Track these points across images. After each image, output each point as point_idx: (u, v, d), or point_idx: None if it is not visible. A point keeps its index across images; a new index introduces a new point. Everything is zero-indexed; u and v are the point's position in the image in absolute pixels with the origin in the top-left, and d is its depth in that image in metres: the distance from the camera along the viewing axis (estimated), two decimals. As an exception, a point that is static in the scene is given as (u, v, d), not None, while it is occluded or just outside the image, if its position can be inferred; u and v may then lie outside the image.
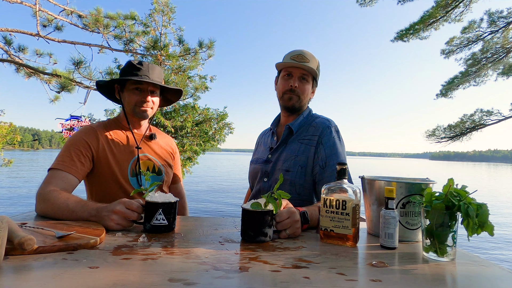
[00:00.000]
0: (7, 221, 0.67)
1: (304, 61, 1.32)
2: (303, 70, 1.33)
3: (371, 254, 0.81)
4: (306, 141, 1.33)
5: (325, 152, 1.28)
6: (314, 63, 1.35)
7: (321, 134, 1.31)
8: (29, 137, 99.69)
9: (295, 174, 1.28)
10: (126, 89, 1.33)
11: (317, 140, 1.31)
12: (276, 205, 0.89)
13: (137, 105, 1.32)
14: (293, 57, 1.33)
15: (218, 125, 7.15)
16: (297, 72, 1.34)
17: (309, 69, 1.32)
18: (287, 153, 1.34)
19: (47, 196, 1.05)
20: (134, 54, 6.17)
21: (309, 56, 1.34)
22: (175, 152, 1.57)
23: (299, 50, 1.35)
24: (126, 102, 1.34)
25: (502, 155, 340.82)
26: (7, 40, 5.35)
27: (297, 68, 1.33)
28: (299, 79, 1.34)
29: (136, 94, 1.31)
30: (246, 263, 0.70)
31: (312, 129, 1.35)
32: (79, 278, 0.57)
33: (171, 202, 0.96)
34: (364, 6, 8.93)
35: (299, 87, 1.34)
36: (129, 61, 1.34)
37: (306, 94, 1.37)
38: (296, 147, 1.33)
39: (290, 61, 1.33)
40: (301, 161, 1.29)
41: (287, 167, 1.30)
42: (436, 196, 0.82)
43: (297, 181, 1.28)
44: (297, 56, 1.32)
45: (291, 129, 1.38)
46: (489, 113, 8.84)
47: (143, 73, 1.29)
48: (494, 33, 8.83)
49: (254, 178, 1.46)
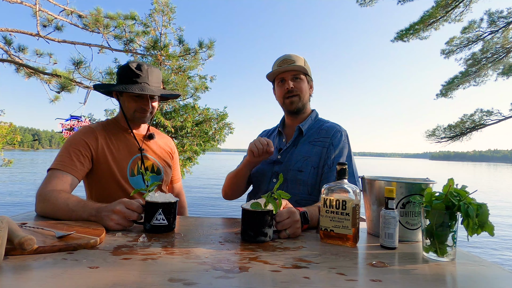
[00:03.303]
0: (7, 221, 0.67)
1: (290, 63, 1.37)
2: (293, 71, 1.38)
3: (371, 254, 0.81)
4: (318, 142, 1.37)
5: (335, 153, 1.32)
6: (300, 61, 1.40)
7: (332, 136, 1.36)
8: (29, 137, 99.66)
9: (308, 174, 1.30)
10: (126, 95, 1.31)
11: (328, 142, 1.35)
12: (276, 205, 0.89)
13: (137, 111, 1.32)
14: (279, 63, 1.40)
15: (218, 125, 7.15)
16: (288, 75, 1.39)
17: (298, 68, 1.37)
18: (297, 154, 1.36)
19: (47, 196, 1.05)
20: (134, 54, 6.17)
21: (294, 57, 1.39)
22: (173, 152, 1.57)
23: (283, 56, 1.42)
24: (126, 108, 1.33)
25: (502, 155, 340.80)
26: (7, 40, 5.35)
27: (286, 72, 1.38)
28: (293, 80, 1.38)
29: (135, 101, 1.30)
30: (246, 263, 0.70)
31: (324, 132, 1.39)
32: (79, 278, 0.57)
33: (171, 202, 0.96)
34: (364, 6, 8.93)
35: (296, 87, 1.38)
36: (127, 65, 1.30)
37: (304, 91, 1.41)
38: (308, 148, 1.36)
39: (277, 68, 1.39)
40: (314, 161, 1.32)
41: (299, 167, 1.32)
42: (436, 196, 0.82)
43: (310, 181, 1.30)
44: (283, 61, 1.39)
45: (301, 130, 1.40)
46: (489, 113, 8.83)
47: (143, 80, 1.28)
48: (494, 33, 8.83)
49: (261, 179, 1.43)
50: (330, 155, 1.31)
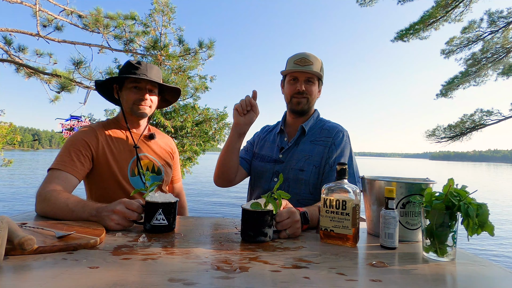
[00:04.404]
0: (7, 221, 0.67)
1: (308, 64, 1.34)
2: (309, 73, 1.35)
3: (371, 254, 0.81)
4: (320, 142, 1.36)
5: (337, 153, 1.32)
6: (318, 65, 1.37)
7: (334, 136, 1.36)
8: (29, 137, 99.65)
9: (310, 174, 1.31)
10: (125, 88, 1.33)
11: (330, 142, 1.35)
12: (276, 205, 0.89)
13: (135, 103, 1.32)
14: (296, 61, 1.36)
15: (218, 125, 7.14)
16: (302, 76, 1.36)
17: (315, 73, 1.35)
18: (299, 153, 1.36)
19: (47, 196, 1.05)
20: (134, 54, 6.17)
21: (312, 58, 1.36)
22: (174, 152, 1.57)
23: (302, 53, 1.37)
24: (125, 101, 1.34)
25: (502, 155, 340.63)
26: (7, 40, 5.35)
27: (302, 72, 1.35)
28: (305, 82, 1.36)
29: (134, 92, 1.32)
30: (246, 263, 0.70)
31: (326, 132, 1.39)
32: (79, 278, 0.57)
33: (171, 202, 0.96)
34: (364, 6, 8.93)
35: (307, 90, 1.36)
36: (127, 61, 1.35)
37: (313, 95, 1.40)
38: (309, 147, 1.36)
39: (294, 66, 1.36)
40: (315, 161, 1.32)
41: (301, 167, 1.32)
42: (436, 196, 0.82)
43: (311, 181, 1.31)
44: (301, 60, 1.35)
45: (304, 129, 1.40)
46: (489, 113, 8.83)
47: (141, 72, 1.30)
48: (494, 33, 8.83)
49: (261, 177, 1.43)
50: (331, 155, 1.31)
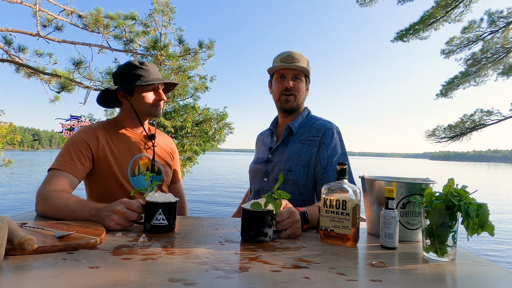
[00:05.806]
0: (7, 221, 0.67)
1: (294, 61, 1.35)
2: (295, 70, 1.36)
3: (371, 254, 0.81)
4: (308, 141, 1.35)
5: (328, 152, 1.30)
6: (304, 62, 1.38)
7: (323, 135, 1.34)
8: (29, 137, 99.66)
9: (298, 174, 1.30)
10: (140, 90, 1.32)
11: (319, 141, 1.33)
12: (276, 205, 0.89)
13: (154, 105, 1.35)
14: (282, 59, 1.37)
15: (218, 125, 7.15)
16: (289, 73, 1.37)
17: (301, 69, 1.35)
18: (288, 153, 1.35)
19: (47, 196, 1.05)
20: (134, 54, 6.17)
21: (298, 56, 1.37)
22: (174, 152, 1.57)
23: (287, 51, 1.38)
24: (140, 104, 1.34)
25: (502, 155, 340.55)
26: (7, 40, 5.35)
27: (289, 69, 1.36)
28: (293, 79, 1.37)
29: (153, 94, 1.35)
30: (246, 263, 0.70)
31: (314, 131, 1.37)
32: (79, 278, 0.57)
33: (171, 202, 0.96)
34: (364, 6, 8.93)
35: (294, 87, 1.37)
36: (129, 62, 1.33)
37: (301, 92, 1.40)
38: (298, 147, 1.35)
39: (280, 64, 1.36)
40: (304, 161, 1.31)
41: (289, 167, 1.31)
42: (436, 196, 0.82)
43: (300, 181, 1.30)
44: (287, 58, 1.36)
45: (291, 129, 1.39)
46: (489, 113, 8.83)
47: (152, 74, 1.33)
48: (494, 33, 8.83)
49: (254, 177, 1.47)
50: (323, 155, 1.29)
